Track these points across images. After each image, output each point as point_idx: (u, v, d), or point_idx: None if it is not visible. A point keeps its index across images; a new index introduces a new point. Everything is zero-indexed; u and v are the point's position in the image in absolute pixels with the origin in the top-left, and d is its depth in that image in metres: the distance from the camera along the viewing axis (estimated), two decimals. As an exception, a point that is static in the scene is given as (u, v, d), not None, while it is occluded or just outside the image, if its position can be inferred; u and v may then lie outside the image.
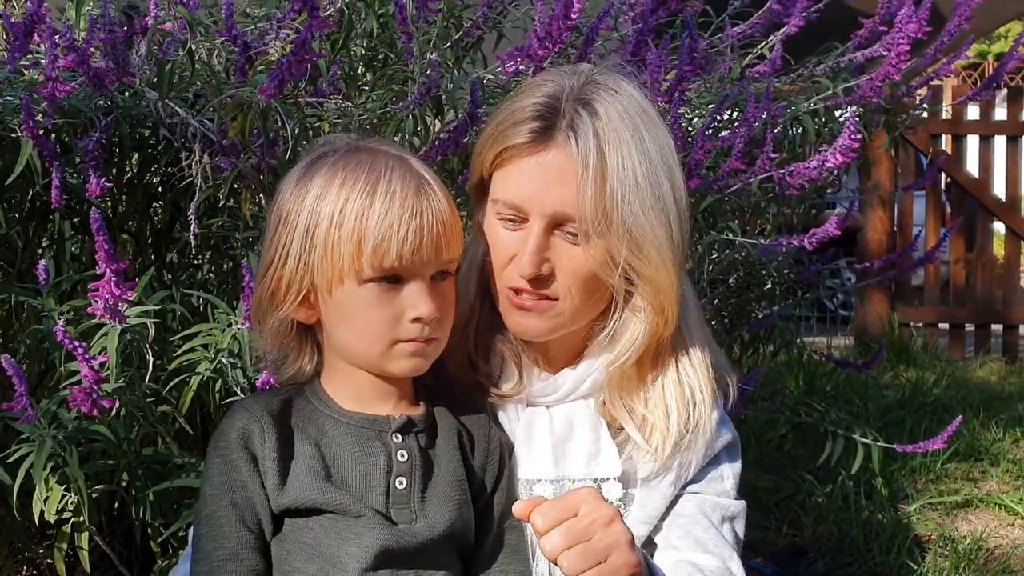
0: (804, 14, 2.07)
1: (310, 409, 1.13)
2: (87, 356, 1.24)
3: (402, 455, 1.11)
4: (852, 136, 1.68)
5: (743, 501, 1.29)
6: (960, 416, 1.79)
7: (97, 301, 1.29)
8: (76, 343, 1.23)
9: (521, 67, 1.56)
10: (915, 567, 2.44)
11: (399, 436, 1.12)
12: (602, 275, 1.16)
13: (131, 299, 1.31)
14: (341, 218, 1.05)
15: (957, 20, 1.95)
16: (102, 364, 1.28)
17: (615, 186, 1.12)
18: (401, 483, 1.09)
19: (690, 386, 1.23)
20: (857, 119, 1.70)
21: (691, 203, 1.22)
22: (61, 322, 1.23)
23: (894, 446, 1.94)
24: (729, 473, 1.28)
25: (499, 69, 1.63)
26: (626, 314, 1.20)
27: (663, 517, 1.24)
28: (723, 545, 1.21)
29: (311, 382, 1.17)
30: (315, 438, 1.10)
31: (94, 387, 1.26)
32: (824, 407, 2.09)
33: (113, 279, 1.25)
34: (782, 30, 2.06)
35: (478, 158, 1.21)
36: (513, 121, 1.15)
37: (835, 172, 1.75)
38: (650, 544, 1.25)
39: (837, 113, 2.09)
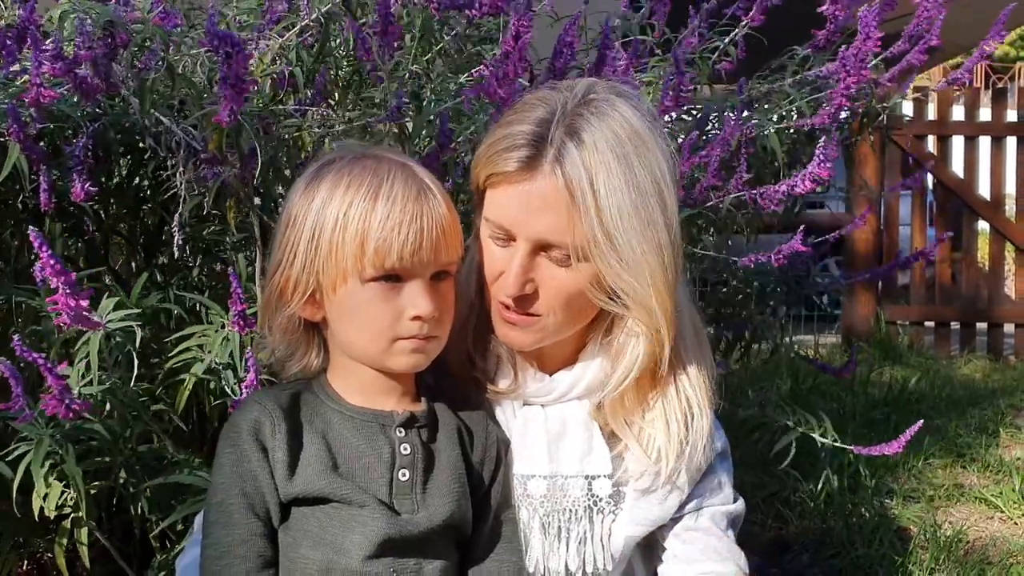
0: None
1: (317, 403, 1.17)
2: (48, 366, 1.24)
3: (405, 448, 1.14)
4: (822, 164, 1.66)
5: (742, 500, 1.34)
6: (920, 421, 1.80)
7: (59, 314, 1.27)
8: (36, 355, 1.23)
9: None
10: (896, 559, 2.48)
11: (402, 430, 1.15)
12: (592, 298, 1.19)
13: (88, 305, 1.28)
14: (345, 221, 1.09)
15: (916, 22, 1.96)
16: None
17: (604, 219, 1.12)
18: (404, 475, 1.13)
19: (688, 399, 1.26)
20: (824, 148, 1.66)
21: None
22: (16, 338, 1.22)
23: (852, 448, 1.96)
24: (726, 479, 1.33)
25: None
26: (623, 337, 1.22)
27: (669, 527, 1.28)
28: (734, 550, 1.29)
29: (318, 378, 1.20)
30: (322, 431, 1.14)
31: (64, 393, 1.27)
32: (793, 409, 2.12)
33: (67, 291, 1.23)
34: (743, 23, 2.01)
35: (475, 170, 1.22)
36: (504, 147, 1.16)
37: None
38: (656, 547, 1.31)
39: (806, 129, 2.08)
